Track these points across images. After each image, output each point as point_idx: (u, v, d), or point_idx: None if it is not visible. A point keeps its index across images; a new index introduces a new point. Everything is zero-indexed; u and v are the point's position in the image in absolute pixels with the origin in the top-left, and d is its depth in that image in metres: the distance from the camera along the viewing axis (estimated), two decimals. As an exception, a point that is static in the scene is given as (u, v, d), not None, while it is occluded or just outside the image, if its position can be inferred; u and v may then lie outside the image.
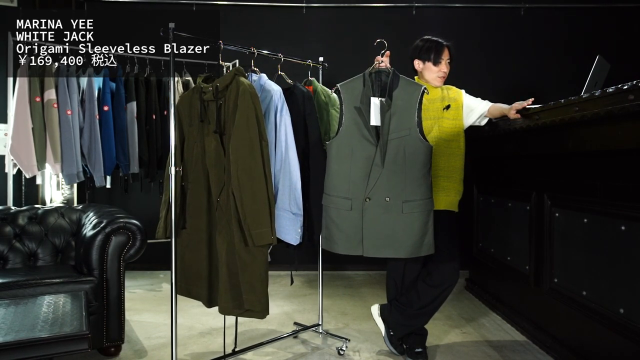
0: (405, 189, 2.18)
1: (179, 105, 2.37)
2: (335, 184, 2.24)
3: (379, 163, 2.17)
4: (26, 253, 2.80)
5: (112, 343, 2.53)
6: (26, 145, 3.42)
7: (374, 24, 4.61)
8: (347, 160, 2.22)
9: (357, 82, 2.27)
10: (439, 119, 2.44)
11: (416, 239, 2.20)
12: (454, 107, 2.46)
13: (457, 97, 2.49)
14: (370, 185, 2.18)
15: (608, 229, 2.13)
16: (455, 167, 2.45)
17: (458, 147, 2.46)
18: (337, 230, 2.25)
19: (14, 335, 1.66)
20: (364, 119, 2.21)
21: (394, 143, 2.19)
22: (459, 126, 2.47)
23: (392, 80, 2.23)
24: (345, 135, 2.23)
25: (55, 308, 1.95)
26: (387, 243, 2.20)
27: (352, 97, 2.24)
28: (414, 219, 2.19)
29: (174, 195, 2.16)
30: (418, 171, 2.20)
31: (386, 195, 2.18)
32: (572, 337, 2.43)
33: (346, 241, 2.23)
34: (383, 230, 2.19)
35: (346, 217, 2.22)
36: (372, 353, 2.68)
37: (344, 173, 2.22)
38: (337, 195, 2.24)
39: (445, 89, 2.51)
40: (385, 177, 2.18)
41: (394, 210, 2.18)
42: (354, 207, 2.20)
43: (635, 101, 1.70)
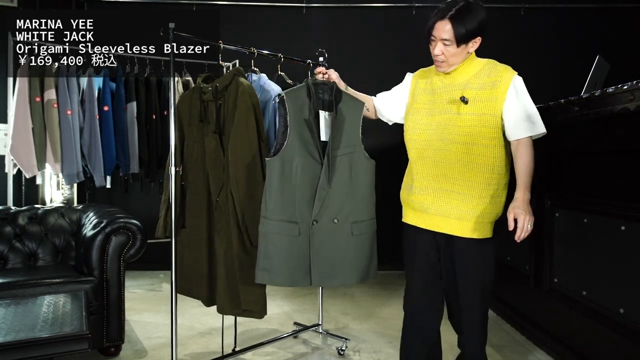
0: (354, 208, 2.06)
1: (179, 105, 2.38)
2: (278, 206, 1.99)
3: (325, 182, 2.00)
4: (26, 253, 2.80)
5: (112, 343, 2.53)
6: (26, 145, 3.42)
7: (374, 24, 4.61)
8: (292, 179, 2.00)
9: (301, 92, 2.05)
10: (446, 113, 1.84)
11: (367, 262, 2.11)
12: (483, 99, 1.78)
13: (498, 82, 1.77)
14: (316, 207, 2.00)
15: (608, 229, 2.13)
16: (476, 180, 1.80)
17: (484, 154, 1.78)
18: (282, 260, 2.00)
19: (14, 335, 1.66)
20: (311, 133, 2.01)
21: (341, 160, 2.04)
22: (488, 124, 1.77)
23: (336, 94, 2.07)
24: (290, 151, 1.99)
25: (55, 308, 1.96)
26: (338, 270, 2.06)
27: (297, 108, 2.02)
28: (364, 241, 2.10)
29: (173, 195, 2.16)
30: (365, 189, 2.10)
31: (334, 217, 2.03)
32: (572, 337, 2.43)
33: (292, 272, 2.02)
34: (333, 256, 2.05)
35: (293, 244, 2.00)
36: (372, 353, 2.68)
37: (289, 194, 2.00)
38: (280, 219, 1.99)
39: (479, 72, 1.82)
40: (333, 196, 2.02)
41: (343, 233, 2.04)
42: (302, 232, 2.01)
43: (635, 101, 1.70)
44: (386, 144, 3.70)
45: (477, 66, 1.84)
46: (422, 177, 1.88)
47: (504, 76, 1.78)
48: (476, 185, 1.80)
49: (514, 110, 1.77)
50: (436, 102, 1.88)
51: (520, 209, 1.75)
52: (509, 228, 1.75)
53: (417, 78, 2.02)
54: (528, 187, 1.79)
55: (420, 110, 1.92)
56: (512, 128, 1.78)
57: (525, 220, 1.73)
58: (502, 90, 1.77)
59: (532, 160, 1.80)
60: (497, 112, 1.77)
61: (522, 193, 1.78)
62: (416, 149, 1.91)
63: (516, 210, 1.75)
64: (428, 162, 1.87)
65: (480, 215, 1.81)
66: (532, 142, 1.81)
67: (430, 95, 1.91)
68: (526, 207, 1.76)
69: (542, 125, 1.80)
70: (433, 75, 1.93)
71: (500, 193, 1.84)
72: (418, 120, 1.91)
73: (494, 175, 1.81)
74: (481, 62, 1.86)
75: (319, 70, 2.11)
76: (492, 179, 1.81)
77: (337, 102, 2.05)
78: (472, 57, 1.85)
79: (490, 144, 1.79)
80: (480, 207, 1.81)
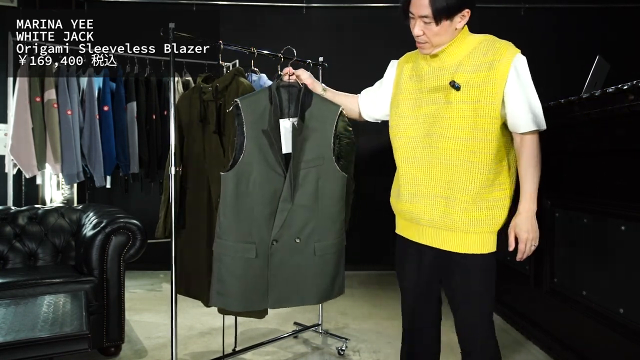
0: (318, 227, 1.88)
1: (179, 105, 2.37)
2: (233, 225, 1.83)
3: (287, 198, 1.81)
4: (26, 253, 2.80)
5: (112, 343, 2.54)
6: (26, 145, 3.42)
7: (374, 24, 4.61)
8: (249, 195, 1.82)
9: (261, 97, 1.85)
10: (434, 104, 1.56)
11: (328, 282, 1.96)
12: (478, 83, 1.48)
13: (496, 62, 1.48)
14: (277, 225, 1.83)
15: (608, 229, 2.13)
16: (472, 183, 1.51)
17: (481, 150, 1.50)
18: (236, 283, 1.85)
19: (14, 335, 1.66)
20: (272, 143, 1.81)
21: (306, 173, 1.84)
22: (485, 113, 1.48)
23: (304, 98, 1.84)
24: (247, 164, 1.81)
25: (55, 308, 1.96)
26: (295, 290, 1.92)
27: (255, 116, 1.82)
28: (326, 261, 1.92)
29: (173, 195, 2.16)
30: (333, 207, 1.90)
31: (296, 236, 1.86)
32: (572, 337, 2.43)
33: (248, 296, 1.87)
34: (292, 277, 1.89)
35: (249, 267, 1.85)
36: (372, 353, 2.68)
37: (245, 212, 1.82)
38: (235, 240, 1.84)
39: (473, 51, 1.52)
40: (296, 214, 1.84)
41: (304, 253, 1.88)
42: (259, 253, 1.84)
43: (635, 101, 1.70)
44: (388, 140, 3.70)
45: (470, 44, 1.54)
46: (410, 182, 1.61)
47: (504, 55, 1.48)
48: (472, 188, 1.50)
49: (516, 97, 1.47)
50: (423, 91, 1.58)
51: (522, 227, 1.51)
52: (509, 248, 1.55)
53: (402, 64, 1.72)
54: (534, 196, 1.51)
55: (405, 101, 1.63)
56: (514, 119, 1.49)
57: (527, 241, 1.51)
58: (501, 71, 1.46)
59: (539, 162, 1.52)
60: (495, 99, 1.46)
61: (526, 204, 1.51)
62: (402, 147, 1.63)
63: (518, 229, 1.52)
64: (415, 164, 1.59)
65: (478, 225, 1.52)
66: (538, 138, 1.52)
67: (416, 83, 1.61)
68: (530, 223, 1.51)
69: (542, 120, 1.51)
70: (420, 58, 1.63)
71: (504, 196, 1.55)
72: (402, 114, 1.63)
73: (494, 176, 1.52)
74: (476, 38, 1.55)
75: (286, 71, 1.87)
76: (493, 180, 1.52)
77: (304, 108, 1.84)
78: (463, 34, 1.54)
79: (488, 137, 1.48)
80: (478, 215, 1.52)
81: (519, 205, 1.53)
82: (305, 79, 1.87)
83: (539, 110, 1.50)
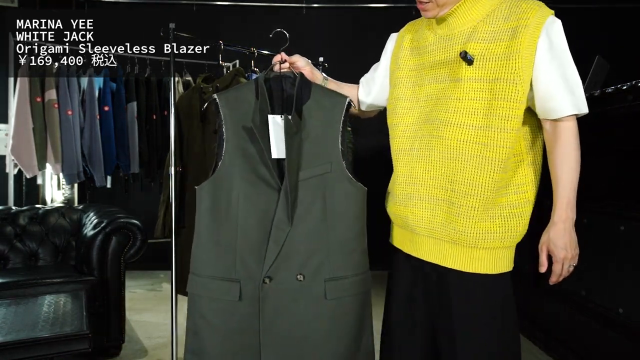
0: (329, 259, 1.32)
1: (179, 105, 2.38)
2: (210, 257, 1.34)
3: (284, 218, 1.29)
4: (27, 253, 2.80)
5: (112, 343, 2.54)
6: (27, 145, 3.42)
7: (374, 24, 4.61)
8: (231, 215, 1.32)
9: (246, 92, 1.40)
10: (439, 82, 1.26)
11: (349, 341, 1.35)
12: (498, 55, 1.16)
13: (521, 28, 1.15)
14: (270, 257, 1.29)
15: (607, 229, 2.13)
16: (483, 185, 1.18)
17: (497, 143, 1.17)
18: (215, 337, 1.33)
19: (15, 334, 1.66)
20: (259, 147, 1.33)
21: (308, 185, 1.33)
22: (505, 95, 1.15)
23: (301, 89, 1.40)
24: (227, 174, 1.33)
25: (55, 308, 1.96)
26: (302, 352, 1.32)
27: (237, 115, 1.37)
28: (345, 309, 1.34)
29: (173, 195, 2.17)
30: (349, 228, 1.35)
31: (298, 272, 1.31)
32: (572, 337, 2.43)
33: (232, 357, 1.32)
34: (294, 331, 1.31)
35: (232, 314, 1.32)
36: (372, 353, 2.68)
37: (225, 238, 1.32)
38: (212, 275, 1.34)
39: (491, 13, 1.20)
40: (296, 241, 1.31)
41: (311, 296, 1.31)
42: (245, 295, 1.30)
43: (634, 101, 1.70)
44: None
45: (487, 4, 1.20)
46: (405, 180, 1.31)
47: (532, 18, 1.13)
48: (482, 191, 1.18)
49: (548, 73, 1.14)
50: (425, 66, 1.28)
51: (558, 242, 1.15)
52: (540, 269, 1.21)
53: (403, 35, 1.41)
54: (572, 201, 1.16)
55: (404, 80, 1.33)
56: (546, 102, 1.15)
57: (565, 261, 1.16)
58: (527, 40, 1.12)
59: (578, 157, 1.16)
60: (519, 77, 1.13)
61: (562, 212, 1.15)
62: (398, 137, 1.33)
63: (552, 245, 1.16)
64: (413, 157, 1.28)
65: (488, 238, 1.20)
66: (577, 125, 1.18)
67: (418, 57, 1.31)
68: (569, 237, 1.15)
69: (583, 101, 1.17)
70: (424, 27, 1.32)
71: (523, 201, 1.22)
72: (400, 96, 1.33)
73: (511, 175, 1.20)
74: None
75: (277, 59, 1.44)
76: (508, 181, 1.20)
77: (302, 101, 1.39)
78: None
79: (507, 126, 1.14)
80: (490, 227, 1.19)
81: (553, 214, 1.17)
82: (303, 66, 1.45)
83: (579, 89, 1.16)
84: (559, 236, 1.16)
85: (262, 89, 1.39)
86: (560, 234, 1.16)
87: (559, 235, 1.16)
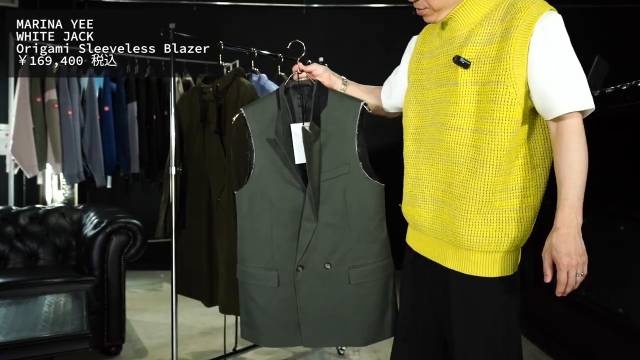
0: (351, 249, 1.54)
1: (179, 105, 2.38)
2: (252, 250, 1.60)
3: (310, 216, 1.52)
4: (27, 253, 2.80)
5: (112, 342, 2.55)
6: (27, 145, 3.43)
7: (374, 24, 4.61)
8: (265, 215, 1.56)
9: (268, 104, 1.59)
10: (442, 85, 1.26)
11: (373, 318, 1.57)
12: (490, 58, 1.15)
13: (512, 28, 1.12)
14: (301, 249, 1.53)
15: (607, 229, 2.13)
16: (478, 188, 1.17)
17: (490, 146, 1.15)
18: (262, 314, 1.60)
19: (15, 334, 1.67)
20: (283, 154, 1.53)
21: (329, 185, 1.53)
22: (497, 97, 1.13)
23: (318, 97, 1.55)
24: (260, 180, 1.57)
25: (56, 308, 1.96)
26: (334, 326, 1.58)
27: (263, 126, 1.57)
28: (367, 291, 1.56)
29: (173, 195, 2.17)
30: (368, 222, 1.55)
31: (325, 261, 1.54)
32: (572, 337, 2.43)
33: (277, 329, 1.60)
34: (326, 311, 1.57)
35: (273, 296, 1.58)
36: (372, 353, 2.68)
37: (263, 234, 1.57)
38: (256, 266, 1.59)
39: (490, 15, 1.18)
40: (322, 234, 1.53)
41: (337, 281, 1.55)
42: (283, 282, 1.56)
43: (633, 101, 1.70)
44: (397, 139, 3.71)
45: (486, 6, 1.19)
46: (412, 182, 1.36)
47: (524, 17, 1.10)
48: (475, 195, 1.17)
49: (543, 69, 1.09)
50: (432, 70, 1.29)
51: (561, 249, 1.08)
52: (545, 279, 1.14)
53: (419, 39, 1.44)
54: (577, 205, 1.10)
55: (415, 83, 1.37)
56: (544, 100, 1.11)
57: (570, 268, 1.09)
58: (519, 40, 1.09)
59: (584, 157, 1.14)
60: (510, 78, 1.10)
61: (565, 216, 1.09)
62: (408, 140, 1.39)
63: (555, 251, 1.09)
64: (419, 160, 1.33)
65: (485, 242, 1.18)
66: (582, 124, 1.14)
67: (427, 60, 1.33)
68: (573, 243, 1.09)
69: (588, 97, 1.12)
70: (435, 31, 1.35)
71: (523, 206, 1.18)
72: (410, 99, 1.38)
73: (506, 179, 1.16)
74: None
75: (295, 69, 1.58)
76: (505, 184, 1.16)
77: (319, 108, 1.55)
78: None
79: (500, 129, 1.12)
80: (486, 231, 1.17)
81: (556, 218, 1.10)
82: (321, 74, 1.56)
83: (581, 84, 1.11)
84: (562, 242, 1.09)
85: (283, 100, 1.56)
86: (562, 239, 1.09)
87: (561, 240, 1.09)
